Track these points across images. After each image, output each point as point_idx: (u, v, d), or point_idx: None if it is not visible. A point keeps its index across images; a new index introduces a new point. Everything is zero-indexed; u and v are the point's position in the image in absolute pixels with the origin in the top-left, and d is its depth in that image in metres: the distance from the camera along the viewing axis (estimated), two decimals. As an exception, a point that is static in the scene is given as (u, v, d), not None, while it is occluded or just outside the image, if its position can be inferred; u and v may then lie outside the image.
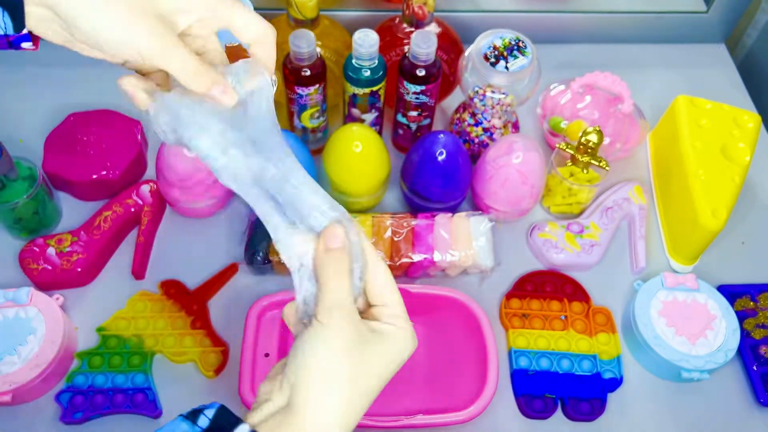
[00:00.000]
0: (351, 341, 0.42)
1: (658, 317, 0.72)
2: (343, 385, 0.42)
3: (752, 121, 0.82)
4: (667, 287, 0.74)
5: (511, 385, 0.71)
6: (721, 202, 0.76)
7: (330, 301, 0.43)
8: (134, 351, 0.71)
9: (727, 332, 0.72)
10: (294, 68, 0.75)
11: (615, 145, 0.85)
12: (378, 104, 0.81)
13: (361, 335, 0.43)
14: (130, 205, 0.79)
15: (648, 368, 0.73)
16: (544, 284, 0.78)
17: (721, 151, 0.80)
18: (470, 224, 0.77)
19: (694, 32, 1.03)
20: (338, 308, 0.43)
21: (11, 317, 0.69)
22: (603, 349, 0.73)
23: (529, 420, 0.70)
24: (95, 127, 0.83)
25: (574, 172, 0.81)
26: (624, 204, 0.83)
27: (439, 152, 0.75)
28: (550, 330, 0.74)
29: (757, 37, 1.08)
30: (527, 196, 0.79)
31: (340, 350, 0.42)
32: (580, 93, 0.87)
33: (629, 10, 1.01)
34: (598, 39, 1.03)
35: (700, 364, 0.69)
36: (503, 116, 0.83)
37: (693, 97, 0.84)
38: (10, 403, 0.66)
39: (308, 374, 0.42)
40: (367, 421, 0.64)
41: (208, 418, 0.40)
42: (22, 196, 0.73)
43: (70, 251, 0.75)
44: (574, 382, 0.70)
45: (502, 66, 0.75)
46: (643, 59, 1.02)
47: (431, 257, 0.75)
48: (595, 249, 0.79)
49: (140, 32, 0.42)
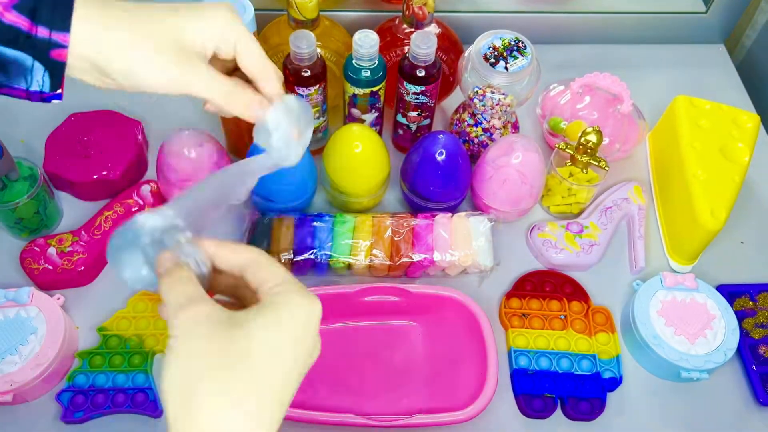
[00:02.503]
0: (207, 338, 0.36)
1: (658, 317, 0.73)
2: (221, 393, 0.35)
3: (751, 121, 0.82)
4: (666, 287, 0.75)
5: (510, 384, 0.71)
6: (721, 202, 0.76)
7: (172, 311, 0.38)
8: (135, 351, 0.71)
9: (726, 332, 0.72)
10: (294, 69, 0.75)
11: (614, 146, 0.85)
12: (378, 104, 0.81)
13: (219, 323, 0.37)
14: (130, 205, 0.79)
15: (647, 368, 0.74)
16: (544, 284, 0.78)
17: (721, 151, 0.80)
18: (470, 224, 0.77)
19: (693, 33, 1.03)
20: (191, 303, 0.38)
21: (12, 317, 0.69)
22: (602, 348, 0.73)
23: (528, 419, 0.70)
24: (96, 128, 0.83)
25: (574, 172, 0.81)
26: (623, 204, 0.83)
27: (439, 152, 0.75)
28: (550, 330, 0.74)
29: (756, 38, 1.08)
30: (527, 196, 0.79)
31: (197, 356, 0.36)
32: (579, 93, 0.87)
33: (628, 10, 1.01)
34: (597, 39, 1.03)
35: (700, 363, 0.70)
36: (503, 116, 0.83)
37: (692, 98, 0.84)
38: (10, 402, 0.66)
39: (170, 398, 0.36)
40: (366, 420, 0.65)
41: None
42: (23, 196, 0.73)
43: (71, 251, 0.75)
44: (574, 381, 0.71)
45: (502, 66, 0.76)
46: (643, 60, 1.02)
47: (431, 257, 0.75)
48: (595, 249, 0.79)
49: (168, 67, 0.45)
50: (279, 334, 0.38)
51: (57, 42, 0.43)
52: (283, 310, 0.38)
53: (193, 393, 0.35)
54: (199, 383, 0.35)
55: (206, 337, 0.37)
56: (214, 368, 0.36)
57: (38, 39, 0.42)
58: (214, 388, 0.35)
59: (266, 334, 0.37)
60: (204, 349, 0.36)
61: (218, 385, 0.35)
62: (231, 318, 0.38)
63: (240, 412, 0.35)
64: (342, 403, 0.68)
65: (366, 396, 0.69)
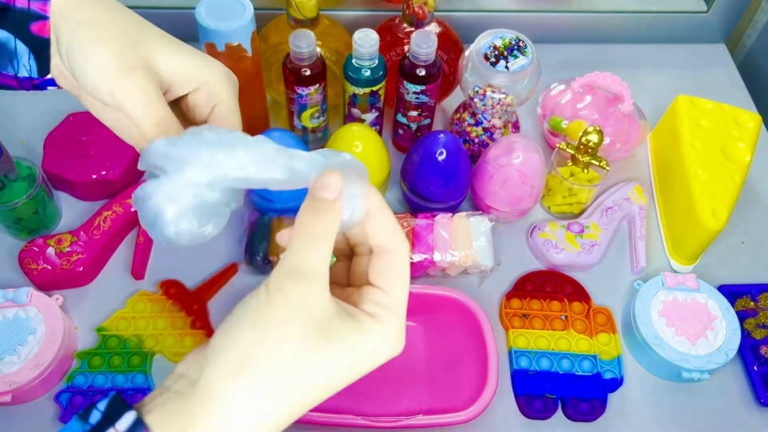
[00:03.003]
0: (301, 326, 0.34)
1: (659, 317, 0.72)
2: (272, 377, 0.33)
3: (752, 121, 0.82)
4: (667, 287, 0.74)
5: (511, 385, 0.71)
6: (722, 202, 0.75)
7: (290, 266, 0.34)
8: (134, 351, 0.71)
9: (727, 332, 0.71)
10: (294, 68, 0.75)
11: (615, 145, 0.85)
12: (378, 104, 0.81)
13: (320, 322, 0.34)
14: (129, 205, 0.79)
15: (648, 368, 0.73)
16: (545, 284, 0.77)
17: (722, 151, 0.79)
18: (470, 224, 0.77)
19: (694, 32, 1.03)
20: (297, 278, 0.34)
21: (11, 317, 0.69)
22: (603, 349, 0.73)
23: (529, 420, 0.70)
24: (95, 127, 0.83)
25: (575, 172, 0.80)
26: (624, 204, 0.83)
27: (439, 152, 0.75)
28: (551, 330, 0.74)
29: (758, 37, 1.08)
30: (527, 196, 0.78)
31: (281, 335, 0.34)
32: (580, 93, 0.87)
33: (629, 9, 1.01)
34: (598, 39, 1.03)
35: (701, 364, 0.69)
36: (503, 116, 0.83)
37: (693, 97, 0.84)
38: (9, 403, 0.66)
39: (225, 354, 0.34)
40: (366, 421, 0.64)
41: (100, 411, 0.34)
42: (22, 196, 0.73)
43: (69, 251, 0.75)
44: (575, 382, 0.70)
45: (503, 66, 0.75)
46: (644, 59, 1.02)
47: (431, 257, 0.75)
48: (595, 249, 0.79)
49: (117, 72, 0.41)
50: (351, 369, 0.35)
51: (36, 12, 0.40)
52: (376, 344, 0.36)
53: (239, 377, 0.33)
54: (252, 371, 0.33)
55: (299, 325, 0.34)
56: (273, 367, 0.34)
57: (17, 10, 0.40)
58: (256, 386, 0.34)
59: (343, 361, 0.35)
60: (289, 336, 0.34)
61: (260, 386, 0.34)
62: (328, 324, 0.35)
63: (253, 413, 0.34)
64: (341, 403, 0.68)
65: (366, 396, 0.69)
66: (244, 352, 0.34)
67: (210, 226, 0.39)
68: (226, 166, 0.37)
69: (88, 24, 0.41)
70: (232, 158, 0.37)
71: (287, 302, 0.34)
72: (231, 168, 0.37)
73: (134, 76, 0.41)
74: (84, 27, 0.41)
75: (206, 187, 0.37)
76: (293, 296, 0.34)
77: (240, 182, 0.37)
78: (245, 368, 0.33)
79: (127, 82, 0.40)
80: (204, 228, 0.38)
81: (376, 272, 0.37)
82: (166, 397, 0.34)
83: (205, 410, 0.33)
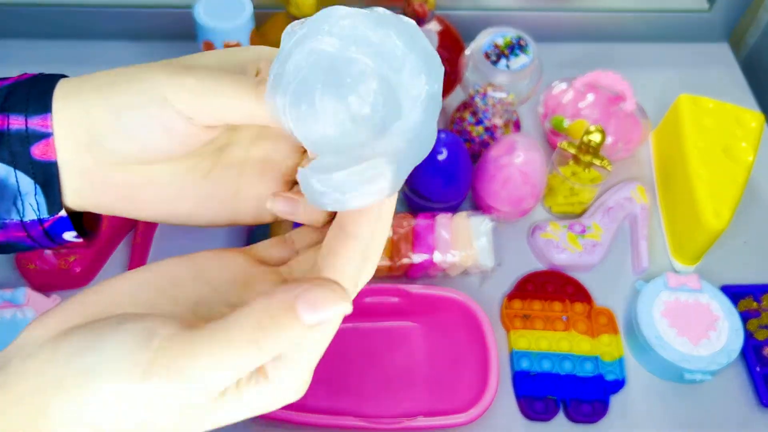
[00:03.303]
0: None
1: (661, 318, 0.72)
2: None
3: (755, 120, 0.81)
4: (669, 288, 0.74)
5: (512, 386, 0.71)
6: (724, 202, 0.75)
7: (180, 355, 0.28)
8: (132, 352, 0.70)
9: (730, 333, 0.71)
10: (293, 67, 0.74)
11: (617, 145, 0.85)
12: (378, 103, 0.80)
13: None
14: (128, 205, 0.79)
15: (650, 370, 0.73)
16: (546, 285, 0.77)
17: (724, 151, 0.79)
18: (471, 224, 0.76)
19: (696, 31, 1.03)
20: (175, 375, 0.28)
21: (8, 318, 0.69)
22: (605, 350, 0.72)
23: (530, 422, 0.69)
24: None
25: (576, 172, 0.80)
26: (626, 204, 0.83)
27: (440, 151, 0.75)
28: (552, 331, 0.73)
29: (760, 36, 1.07)
30: (528, 196, 0.78)
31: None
32: (582, 92, 0.86)
33: (631, 8, 1.01)
34: (600, 37, 1.02)
35: (703, 365, 0.69)
36: (504, 115, 0.82)
37: (696, 96, 0.84)
38: (6, 404, 0.65)
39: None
40: (366, 423, 0.64)
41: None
42: (19, 195, 0.73)
43: (67, 252, 0.75)
44: (576, 383, 0.70)
45: (504, 64, 0.75)
46: (646, 58, 1.02)
47: (431, 257, 0.74)
48: (597, 249, 0.79)
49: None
50: (238, 415, 0.29)
51: (36, 131, 0.32)
52: (274, 397, 0.29)
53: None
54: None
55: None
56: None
57: (12, 134, 0.32)
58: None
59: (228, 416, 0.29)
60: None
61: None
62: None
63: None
64: (341, 405, 0.68)
65: (366, 398, 0.69)
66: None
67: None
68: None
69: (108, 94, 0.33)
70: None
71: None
72: None
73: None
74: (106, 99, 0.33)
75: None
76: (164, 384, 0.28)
77: None
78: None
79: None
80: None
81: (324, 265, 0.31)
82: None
83: None
